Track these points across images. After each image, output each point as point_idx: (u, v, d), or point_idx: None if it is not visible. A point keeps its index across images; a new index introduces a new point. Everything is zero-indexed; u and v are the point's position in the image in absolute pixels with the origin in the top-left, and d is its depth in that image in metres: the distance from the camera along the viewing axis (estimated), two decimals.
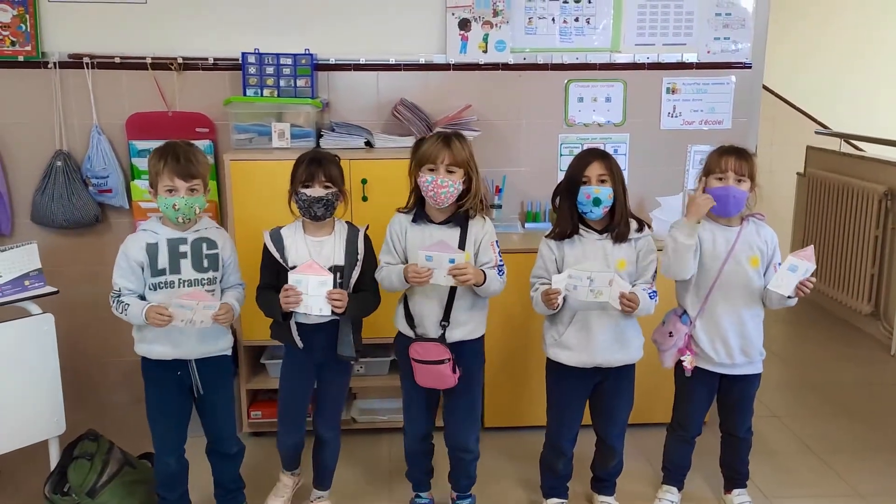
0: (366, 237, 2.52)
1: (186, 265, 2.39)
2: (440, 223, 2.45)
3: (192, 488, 2.60)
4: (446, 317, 2.44)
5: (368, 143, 3.20)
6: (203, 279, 2.41)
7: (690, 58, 3.49)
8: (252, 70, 3.23)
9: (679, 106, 3.52)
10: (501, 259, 2.47)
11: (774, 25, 3.82)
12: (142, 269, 2.36)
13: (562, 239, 2.47)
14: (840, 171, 4.89)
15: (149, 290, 2.37)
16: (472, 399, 2.58)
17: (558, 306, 2.39)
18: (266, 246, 2.43)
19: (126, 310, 2.33)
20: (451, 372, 2.42)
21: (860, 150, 5.50)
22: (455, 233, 2.43)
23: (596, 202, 2.39)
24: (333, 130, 3.20)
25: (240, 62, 3.24)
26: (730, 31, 3.48)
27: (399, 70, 3.38)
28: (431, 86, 3.39)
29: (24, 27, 3.18)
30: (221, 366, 2.53)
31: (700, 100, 3.51)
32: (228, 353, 2.55)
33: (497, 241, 2.48)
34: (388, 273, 2.45)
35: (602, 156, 2.43)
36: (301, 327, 2.45)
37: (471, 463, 2.64)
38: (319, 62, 3.33)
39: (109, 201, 3.32)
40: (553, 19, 3.41)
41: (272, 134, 3.14)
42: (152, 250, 2.36)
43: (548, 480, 2.72)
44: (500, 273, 2.46)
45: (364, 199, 2.99)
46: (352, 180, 2.95)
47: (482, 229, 2.47)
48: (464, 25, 3.36)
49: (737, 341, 2.53)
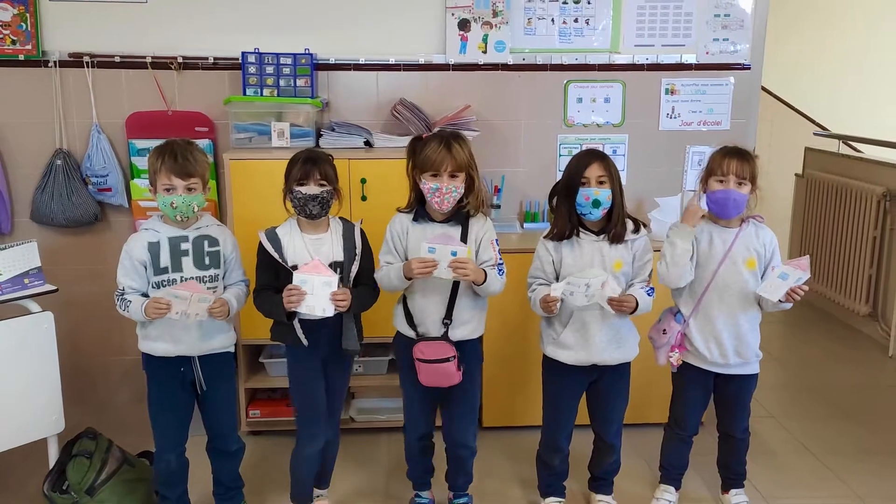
0: (362, 231, 2.52)
1: (188, 263, 2.40)
2: (441, 222, 2.45)
3: (192, 487, 2.60)
4: (448, 315, 2.45)
5: (368, 143, 3.21)
6: (205, 276, 2.42)
7: (689, 59, 3.49)
8: (252, 69, 3.24)
9: (678, 107, 3.53)
10: (501, 258, 2.48)
11: (774, 27, 3.83)
12: (145, 268, 2.37)
13: (560, 240, 2.48)
14: (838, 173, 4.90)
15: (152, 289, 2.38)
16: (472, 397, 2.59)
17: (556, 313, 2.43)
18: (262, 246, 2.42)
19: (128, 307, 2.35)
20: (457, 369, 2.43)
21: (858, 152, 5.51)
22: (456, 231, 2.44)
23: (595, 204, 2.40)
24: (333, 130, 3.20)
25: (240, 62, 3.24)
26: (728, 33, 3.49)
27: (399, 70, 3.38)
28: (431, 86, 3.40)
29: (25, 26, 3.19)
30: (224, 363, 2.54)
31: (699, 101, 3.52)
32: (231, 351, 2.56)
33: (497, 240, 2.49)
34: (388, 272, 2.45)
35: (600, 157, 2.44)
36: (304, 323, 2.44)
37: (469, 459, 2.65)
38: (319, 62, 3.33)
39: (109, 200, 3.33)
40: (552, 20, 3.41)
41: (272, 133, 3.14)
42: (154, 249, 2.37)
43: (545, 478, 2.73)
44: (501, 272, 2.46)
45: (363, 199, 3.00)
46: (351, 180, 2.96)
47: (482, 227, 2.47)
48: (463, 26, 3.37)
49: (731, 342, 2.53)
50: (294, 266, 2.38)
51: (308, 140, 3.17)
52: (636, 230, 2.49)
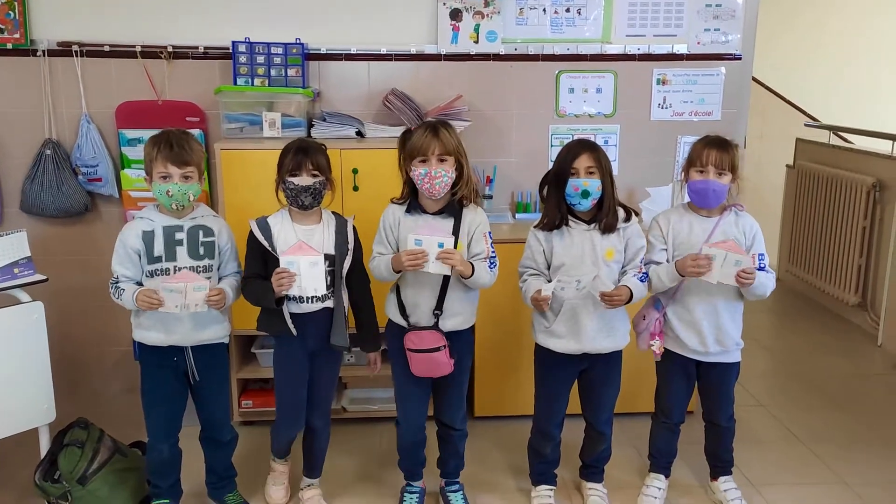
0: (354, 227, 2.53)
1: (182, 252, 2.40)
2: (434, 213, 2.46)
3: (184, 477, 2.61)
4: (439, 306, 2.45)
5: (359, 133, 3.20)
6: (199, 266, 2.42)
7: (681, 49, 3.50)
8: (242, 59, 3.23)
9: (669, 97, 3.53)
10: (494, 251, 2.48)
11: (765, 18, 3.84)
12: (139, 257, 2.37)
13: (550, 230, 2.48)
14: (829, 163, 4.92)
15: (146, 278, 2.39)
16: (461, 386, 2.61)
17: (546, 310, 2.47)
18: (253, 234, 2.42)
19: (121, 295, 2.35)
20: (447, 359, 2.43)
21: (849, 143, 5.54)
22: (449, 223, 2.44)
23: (584, 194, 2.41)
24: (324, 120, 3.20)
25: (230, 51, 3.23)
26: (720, 23, 3.49)
27: (390, 60, 3.37)
28: (422, 76, 3.39)
29: (13, 15, 3.16)
30: (217, 353, 2.54)
31: (690, 91, 3.53)
32: (225, 341, 2.56)
33: (490, 233, 2.49)
34: (378, 263, 2.46)
35: (591, 147, 2.44)
36: (293, 317, 2.46)
37: (460, 440, 2.67)
38: (310, 52, 3.32)
39: (99, 190, 3.31)
40: (544, 10, 3.41)
41: (263, 123, 3.13)
42: (148, 238, 2.37)
43: (536, 466, 2.74)
44: (492, 266, 2.46)
45: (355, 189, 3.00)
46: (342, 170, 2.95)
47: (475, 219, 2.47)
48: (455, 16, 3.36)
49: (710, 330, 2.54)
50: None
51: (299, 130, 3.16)
52: (627, 219, 2.49)
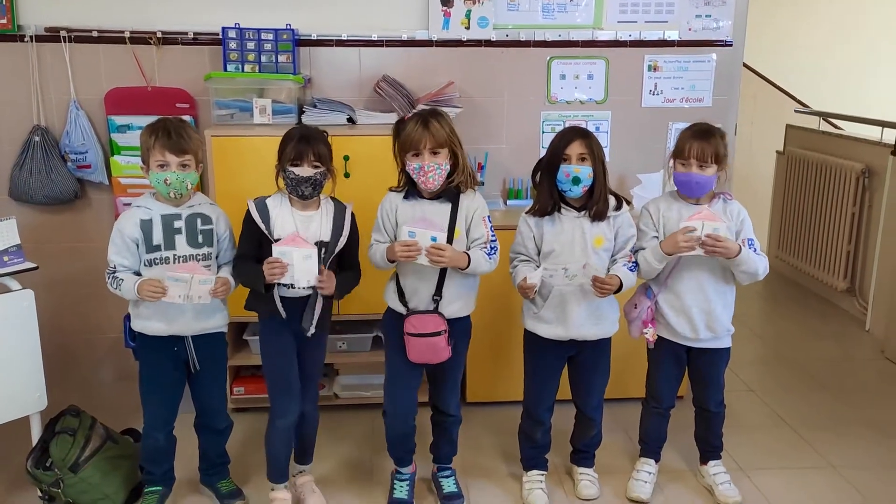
0: (352, 214, 2.52)
1: (181, 241, 2.39)
2: (432, 199, 2.45)
3: (177, 463, 2.62)
4: (438, 291, 2.45)
5: (351, 120, 3.19)
6: (198, 255, 2.42)
7: (672, 35, 3.49)
8: (233, 45, 3.20)
9: (660, 83, 3.53)
10: (494, 235, 2.47)
11: (756, 4, 3.83)
12: (137, 246, 2.36)
13: (542, 216, 2.49)
14: (819, 150, 4.94)
15: (144, 267, 2.38)
16: (457, 372, 2.61)
17: (533, 298, 2.47)
18: (249, 215, 2.40)
19: (120, 286, 2.34)
20: (446, 344, 2.44)
21: (838, 129, 5.56)
22: (446, 208, 2.43)
23: (575, 181, 2.41)
24: (315, 107, 3.18)
25: (220, 37, 3.20)
26: (711, 9, 3.48)
27: (381, 46, 3.36)
28: (414, 62, 3.38)
29: (0, 0, 3.12)
30: (217, 342, 2.54)
31: (681, 77, 3.53)
32: (224, 330, 2.56)
33: (489, 217, 2.48)
34: (375, 252, 2.46)
35: (583, 134, 2.44)
36: (282, 300, 2.43)
37: (454, 426, 2.67)
38: (301, 38, 3.30)
39: (89, 177, 3.29)
40: None
41: (254, 110, 3.12)
42: (146, 226, 2.36)
43: (527, 451, 2.76)
44: (492, 251, 2.45)
45: (346, 176, 2.99)
46: (334, 157, 2.93)
47: (473, 203, 2.47)
48: (446, 2, 3.34)
49: (701, 317, 2.56)
50: (278, 239, 2.37)
51: (290, 116, 3.15)
52: (618, 207, 2.50)
